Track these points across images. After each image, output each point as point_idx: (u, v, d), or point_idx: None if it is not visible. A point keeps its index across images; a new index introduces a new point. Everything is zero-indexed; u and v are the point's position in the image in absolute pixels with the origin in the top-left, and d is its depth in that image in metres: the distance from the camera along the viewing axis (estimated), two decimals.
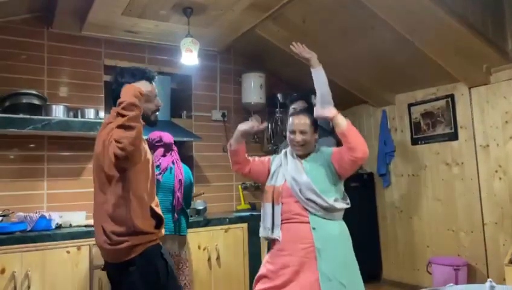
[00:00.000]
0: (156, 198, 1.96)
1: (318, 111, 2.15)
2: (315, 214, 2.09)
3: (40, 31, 3.58)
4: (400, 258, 4.42)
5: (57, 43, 3.64)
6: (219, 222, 3.56)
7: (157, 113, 2.02)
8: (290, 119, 2.26)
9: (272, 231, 2.15)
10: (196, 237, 3.40)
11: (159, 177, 2.74)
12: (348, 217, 3.20)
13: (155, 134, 2.95)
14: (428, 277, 3.82)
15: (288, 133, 2.25)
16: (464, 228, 3.81)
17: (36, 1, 3.34)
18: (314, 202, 2.09)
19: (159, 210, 1.92)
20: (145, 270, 1.80)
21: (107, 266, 1.94)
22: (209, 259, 3.44)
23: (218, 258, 3.48)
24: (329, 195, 2.11)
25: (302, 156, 2.24)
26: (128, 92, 1.74)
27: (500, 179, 3.51)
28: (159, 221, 1.90)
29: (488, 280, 1.46)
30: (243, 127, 2.19)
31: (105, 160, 1.78)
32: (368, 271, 4.51)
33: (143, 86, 1.88)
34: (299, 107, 2.77)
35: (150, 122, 2.00)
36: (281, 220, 2.13)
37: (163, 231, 1.96)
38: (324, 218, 2.10)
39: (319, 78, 2.29)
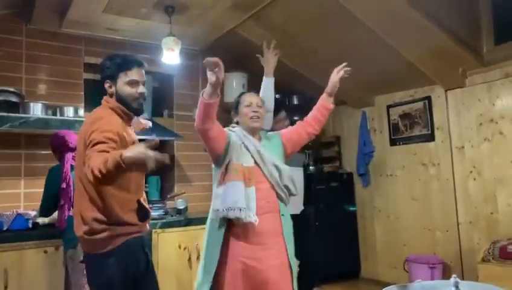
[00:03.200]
0: (144, 194, 1.94)
1: (333, 76, 2.38)
2: (283, 201, 2.13)
3: (18, 27, 3.52)
4: (377, 256, 4.50)
5: (35, 39, 3.58)
6: (200, 221, 3.54)
7: (139, 101, 1.94)
8: (243, 96, 2.26)
9: (248, 213, 1.95)
10: (176, 237, 3.40)
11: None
12: (329, 215, 3.24)
13: (60, 136, 2.79)
14: (406, 275, 3.91)
15: (243, 108, 2.18)
16: (439, 227, 3.90)
17: None
18: (288, 189, 2.12)
19: (146, 204, 1.91)
20: (124, 263, 1.77)
21: (85, 257, 1.90)
22: (189, 259, 3.44)
23: (198, 257, 3.49)
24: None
25: (255, 138, 2.18)
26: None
27: (474, 179, 3.61)
28: (144, 214, 1.88)
29: (453, 276, 1.51)
30: (212, 78, 1.91)
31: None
32: (346, 269, 4.63)
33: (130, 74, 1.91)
34: (281, 116, 3.11)
35: (133, 110, 1.92)
36: (257, 208, 1.99)
37: (148, 225, 1.94)
38: (285, 203, 2.17)
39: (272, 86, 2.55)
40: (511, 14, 3.50)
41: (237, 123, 2.25)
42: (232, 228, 2.03)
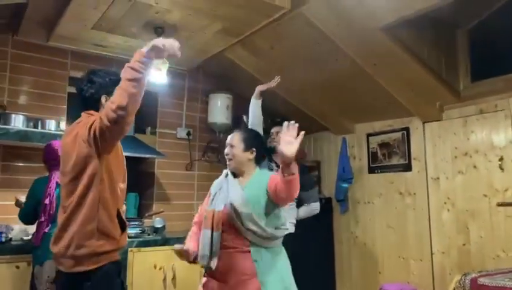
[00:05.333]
0: (124, 206, 1.94)
1: (283, 146, 1.83)
2: (256, 244, 2.07)
3: (5, 37, 3.51)
4: (353, 282, 4.53)
5: (21, 51, 3.58)
6: (177, 241, 3.51)
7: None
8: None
9: (210, 259, 2.09)
10: (153, 256, 3.37)
11: None
12: (305, 240, 3.26)
13: (53, 148, 2.77)
14: None
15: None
16: (413, 255, 3.97)
17: (3, 8, 3.28)
18: (254, 232, 2.05)
19: (123, 216, 1.89)
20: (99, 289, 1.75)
21: (59, 276, 1.86)
22: (164, 279, 3.40)
23: (174, 278, 3.45)
24: (269, 224, 2.09)
25: (242, 178, 2.22)
26: (144, 49, 1.70)
27: (448, 210, 3.71)
28: (121, 226, 1.85)
29: None
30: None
31: (80, 149, 1.76)
32: None
33: None
34: (278, 131, 3.06)
35: None
36: (220, 248, 2.08)
37: (125, 240, 1.90)
38: (265, 247, 2.09)
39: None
40: (487, 53, 3.68)
41: None
42: None
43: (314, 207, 3.38)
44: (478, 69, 3.70)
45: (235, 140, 2.25)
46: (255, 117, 3.00)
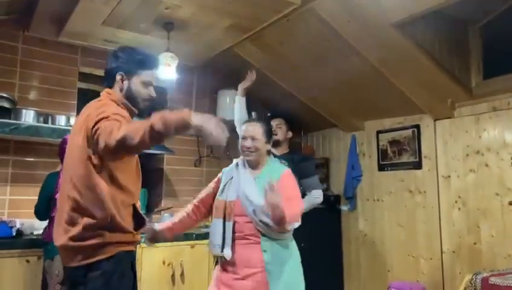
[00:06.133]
0: (138, 201, 1.82)
1: (269, 196, 1.83)
2: (266, 235, 2.07)
3: (16, 33, 3.52)
4: (361, 280, 4.51)
5: (32, 46, 3.59)
6: (186, 237, 3.54)
7: (147, 103, 1.85)
8: (243, 126, 2.27)
9: (222, 249, 2.08)
10: (161, 252, 3.37)
11: None
12: (314, 237, 3.25)
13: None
14: None
15: (240, 140, 2.26)
16: (423, 254, 3.94)
17: (14, 3, 3.30)
18: (267, 224, 2.03)
19: (141, 211, 1.79)
20: (109, 279, 1.60)
21: (65, 272, 1.75)
22: (173, 275, 3.41)
23: (182, 274, 3.46)
24: None
25: (254, 169, 2.22)
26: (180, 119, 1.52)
27: (459, 209, 3.67)
28: (139, 222, 1.74)
29: None
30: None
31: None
32: None
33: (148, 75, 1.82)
34: (279, 124, 3.15)
35: (139, 110, 1.84)
36: (233, 240, 2.09)
37: (139, 235, 1.79)
38: (275, 239, 2.10)
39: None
40: (500, 50, 3.62)
41: None
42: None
43: (315, 195, 3.12)
44: (490, 66, 3.64)
45: (258, 133, 2.20)
46: (241, 114, 3.08)
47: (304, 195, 3.24)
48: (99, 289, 1.60)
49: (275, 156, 3.09)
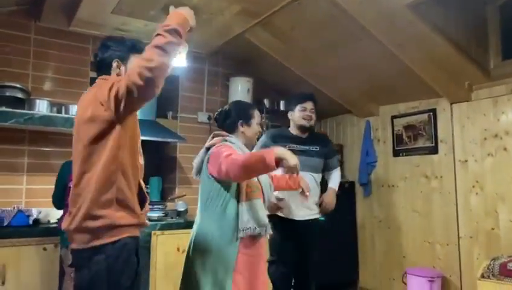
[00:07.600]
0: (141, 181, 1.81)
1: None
2: None
3: (27, 24, 3.54)
4: (376, 267, 4.48)
5: (43, 37, 3.60)
6: None
7: None
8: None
9: (266, 229, 2.12)
10: (176, 239, 3.39)
11: None
12: (329, 224, 3.24)
13: None
14: (404, 287, 3.89)
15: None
16: (439, 240, 3.88)
17: None
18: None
19: (144, 189, 1.79)
20: (113, 263, 1.60)
21: (72, 254, 1.76)
22: None
23: None
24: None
25: None
26: (176, 18, 1.68)
27: (476, 194, 3.60)
28: (142, 200, 1.74)
29: None
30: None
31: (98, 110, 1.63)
32: (344, 278, 4.60)
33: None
34: (309, 107, 3.21)
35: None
36: None
37: (145, 218, 1.78)
38: None
39: None
40: None
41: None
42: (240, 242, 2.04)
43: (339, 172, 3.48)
44: (509, 46, 3.52)
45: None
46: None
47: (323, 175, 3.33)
48: (103, 273, 1.60)
49: (300, 139, 3.17)
